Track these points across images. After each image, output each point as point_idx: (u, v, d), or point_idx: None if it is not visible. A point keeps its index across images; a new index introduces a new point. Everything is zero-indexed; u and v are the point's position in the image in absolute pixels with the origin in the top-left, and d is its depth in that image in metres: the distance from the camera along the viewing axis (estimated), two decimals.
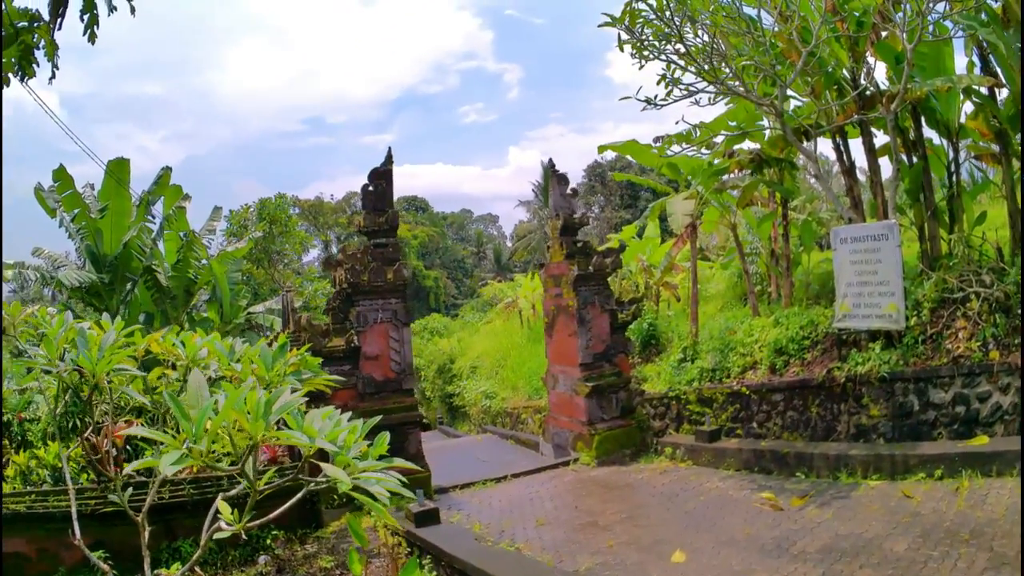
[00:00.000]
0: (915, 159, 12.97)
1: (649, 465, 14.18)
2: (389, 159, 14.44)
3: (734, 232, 17.65)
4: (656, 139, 14.51)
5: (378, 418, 5.10)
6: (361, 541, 3.94)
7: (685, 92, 12.40)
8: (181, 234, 22.84)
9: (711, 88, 12.41)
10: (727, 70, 12.09)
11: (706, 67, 12.03)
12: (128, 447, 8.31)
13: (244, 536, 9.36)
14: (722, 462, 12.87)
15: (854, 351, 12.01)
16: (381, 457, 4.29)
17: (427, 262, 76.81)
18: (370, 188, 14.24)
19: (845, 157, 14.08)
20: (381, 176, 14.29)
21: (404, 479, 4.04)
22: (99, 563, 4.57)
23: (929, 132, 13.24)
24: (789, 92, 13.45)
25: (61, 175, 20.60)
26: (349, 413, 4.71)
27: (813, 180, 32.83)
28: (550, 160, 16.67)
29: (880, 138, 13.74)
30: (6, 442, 11.05)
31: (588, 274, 15.98)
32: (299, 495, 3.80)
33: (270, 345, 5.49)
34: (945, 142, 13.09)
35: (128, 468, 3.76)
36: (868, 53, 12.84)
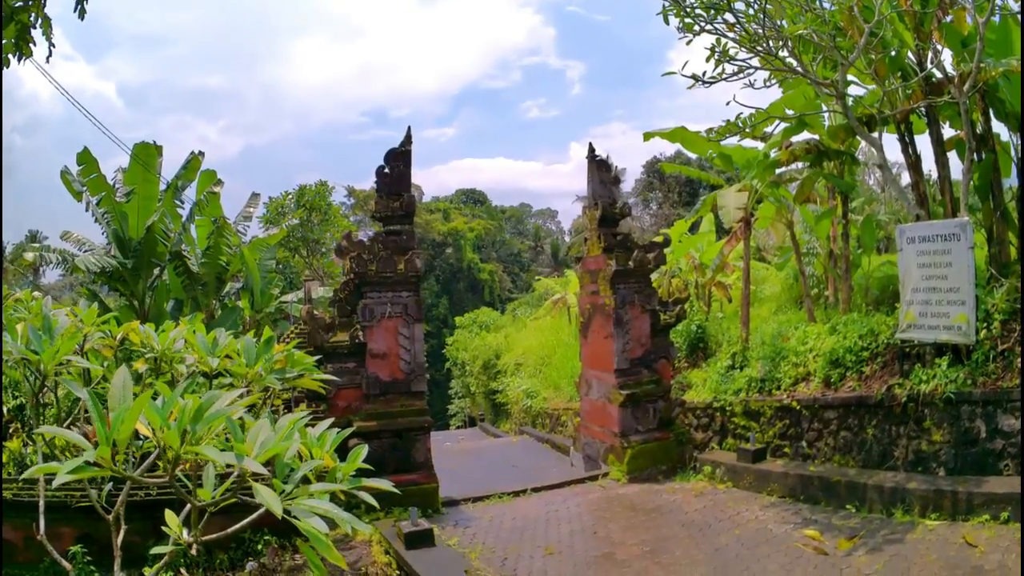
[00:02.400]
0: (983, 155, 11.53)
1: (685, 485, 12.94)
2: (408, 139, 13.37)
3: (790, 230, 16.26)
4: (708, 130, 13.14)
5: (349, 430, 4.59)
6: (319, 571, 3.88)
7: (737, 70, 11.20)
8: (213, 220, 22.24)
9: (765, 65, 11.21)
10: (782, 45, 10.86)
11: (759, 46, 10.82)
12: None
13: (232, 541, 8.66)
14: (765, 486, 11.60)
15: (918, 366, 10.65)
16: (360, 472, 4.24)
17: (483, 255, 76.19)
18: (386, 170, 13.16)
19: (911, 150, 12.67)
20: (399, 157, 13.20)
21: (381, 491, 4.17)
22: (60, 559, 4.42)
23: (998, 127, 11.87)
24: (850, 78, 12.19)
25: (85, 158, 19.97)
26: (329, 421, 4.56)
27: (872, 182, 31.10)
28: (590, 144, 15.33)
29: (947, 132, 12.51)
30: (18, 425, 10.64)
31: (627, 270, 14.63)
32: (257, 513, 3.60)
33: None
34: (1015, 137, 11.67)
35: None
36: (934, 38, 11.50)
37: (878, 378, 11.25)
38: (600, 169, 15.24)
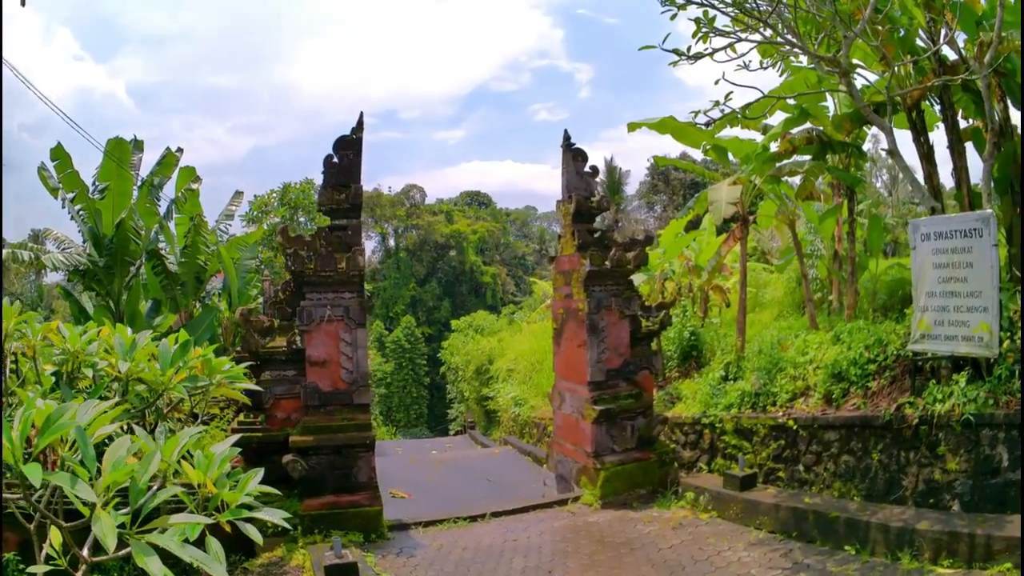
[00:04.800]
0: (1002, 145, 10.13)
1: (663, 513, 11.42)
2: (359, 126, 12.05)
3: (792, 229, 14.84)
4: (693, 113, 11.45)
5: (236, 450, 4.32)
6: None
7: (727, 44, 9.85)
8: (191, 218, 21.29)
9: (757, 39, 9.86)
10: (773, 13, 9.52)
11: (750, 18, 9.50)
12: None
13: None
14: (753, 519, 10.14)
15: (932, 382, 9.22)
16: (261, 496, 4.22)
17: (486, 258, 75.64)
18: (334, 160, 11.85)
19: (923, 139, 11.26)
20: (348, 145, 11.88)
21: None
22: None
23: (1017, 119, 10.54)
24: (856, 62, 11.06)
25: (59, 154, 19.16)
26: (233, 439, 4.51)
27: (880, 185, 29.67)
28: (565, 132, 13.76)
29: (961, 124, 11.18)
30: None
31: (604, 270, 13.01)
32: None
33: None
34: None
35: None
36: (946, 18, 10.24)
37: (886, 395, 9.86)
38: (576, 159, 13.63)
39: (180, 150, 21.79)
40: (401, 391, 56.35)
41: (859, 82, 11.30)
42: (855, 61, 10.98)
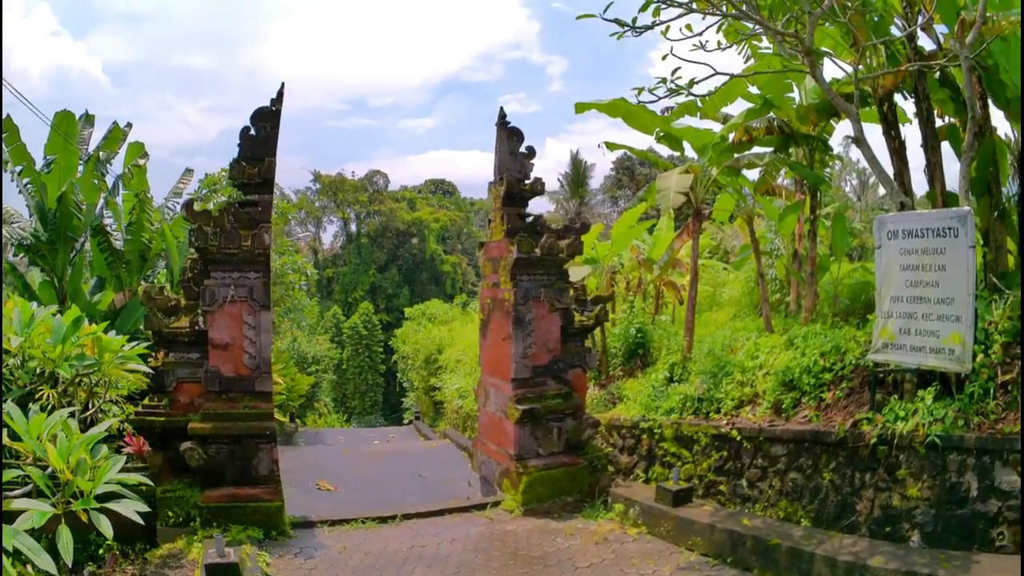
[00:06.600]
0: (980, 142, 9.28)
1: (589, 525, 10.35)
2: (279, 97, 11.10)
3: (750, 225, 13.88)
4: (637, 90, 9.94)
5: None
6: None
7: (679, 14, 8.82)
8: (135, 194, 20.23)
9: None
10: None
11: None
12: None
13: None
14: (685, 538, 9.10)
15: (894, 398, 8.30)
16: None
17: (448, 247, 74.80)
18: (251, 132, 10.87)
19: (894, 133, 10.33)
20: (267, 118, 10.90)
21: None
22: None
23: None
24: (824, 49, 10.22)
25: (8, 125, 17.94)
26: (106, 424, 4.72)
27: (848, 189, 28.94)
28: (500, 109, 12.47)
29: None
30: None
31: (533, 259, 11.90)
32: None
33: None
34: (1015, 132, 9.62)
35: None
36: (923, 4, 9.35)
37: (841, 408, 8.96)
38: (511, 138, 12.39)
39: (129, 125, 20.62)
40: (356, 378, 55.61)
41: (828, 75, 10.47)
42: (824, 49, 10.16)
